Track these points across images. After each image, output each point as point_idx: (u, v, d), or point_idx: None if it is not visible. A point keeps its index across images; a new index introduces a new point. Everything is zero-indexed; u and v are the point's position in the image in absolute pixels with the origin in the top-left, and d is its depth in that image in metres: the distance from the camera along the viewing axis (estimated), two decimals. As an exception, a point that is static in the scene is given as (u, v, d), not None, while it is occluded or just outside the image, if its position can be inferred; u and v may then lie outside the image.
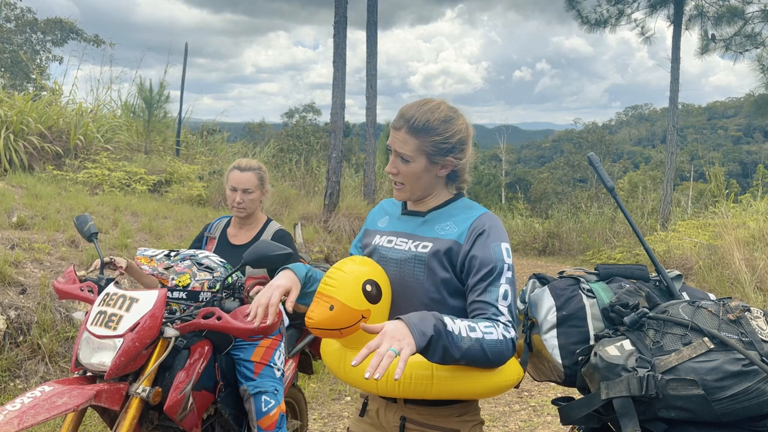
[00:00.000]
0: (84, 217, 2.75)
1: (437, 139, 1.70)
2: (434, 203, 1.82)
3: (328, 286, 1.63)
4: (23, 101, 9.60)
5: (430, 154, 1.72)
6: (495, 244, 1.69)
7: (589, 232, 13.84)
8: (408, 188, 1.77)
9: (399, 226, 1.84)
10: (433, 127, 1.70)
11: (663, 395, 1.46)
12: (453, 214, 1.78)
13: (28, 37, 21.09)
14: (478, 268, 1.66)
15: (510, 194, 32.00)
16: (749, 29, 13.29)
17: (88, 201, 7.21)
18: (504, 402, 4.86)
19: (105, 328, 2.21)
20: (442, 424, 1.74)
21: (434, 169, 1.75)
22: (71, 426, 2.20)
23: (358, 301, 1.62)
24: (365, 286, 1.65)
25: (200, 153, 12.31)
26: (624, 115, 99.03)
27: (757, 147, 66.06)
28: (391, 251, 1.79)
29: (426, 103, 1.74)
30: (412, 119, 1.70)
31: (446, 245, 1.71)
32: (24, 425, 1.86)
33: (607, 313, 1.68)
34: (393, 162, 1.75)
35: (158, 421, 2.40)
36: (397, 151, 1.73)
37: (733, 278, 6.78)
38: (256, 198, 2.95)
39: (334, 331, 1.62)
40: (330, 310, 1.59)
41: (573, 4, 14.42)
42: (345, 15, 9.07)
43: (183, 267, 2.45)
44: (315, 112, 37.41)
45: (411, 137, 1.70)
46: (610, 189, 1.90)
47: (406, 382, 1.59)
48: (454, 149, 1.73)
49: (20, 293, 4.42)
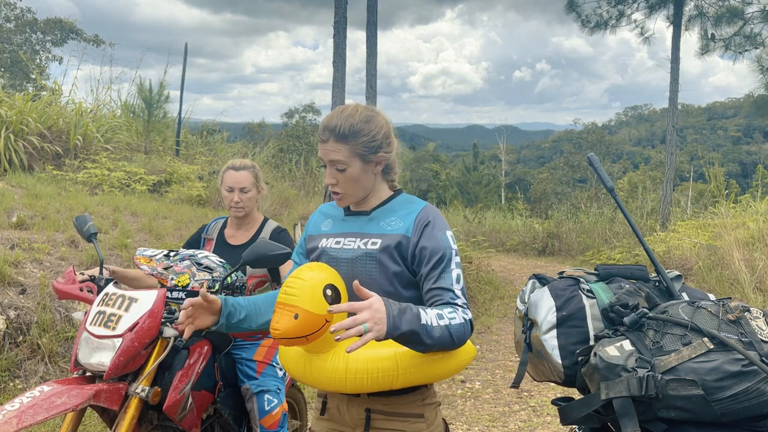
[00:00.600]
0: (83, 217, 2.75)
1: (365, 139, 1.78)
2: (376, 201, 1.89)
3: (289, 295, 1.65)
4: (23, 101, 9.60)
5: (363, 155, 1.79)
6: (441, 234, 1.79)
7: (589, 233, 13.84)
8: (350, 194, 1.84)
9: (345, 227, 1.90)
10: (358, 130, 1.78)
11: (663, 395, 1.46)
12: (396, 210, 1.86)
13: (27, 37, 21.10)
14: (429, 257, 1.75)
15: (510, 194, 32.03)
16: (749, 29, 13.30)
17: (88, 201, 7.21)
18: (504, 402, 4.87)
19: (104, 328, 2.21)
20: (407, 410, 1.82)
21: (369, 168, 1.83)
22: (71, 426, 2.21)
23: (320, 307, 1.65)
24: (325, 290, 1.68)
25: (200, 153, 12.31)
26: (624, 115, 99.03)
27: (757, 147, 66.10)
28: (341, 251, 1.85)
29: (343, 110, 1.82)
30: (337, 128, 1.77)
31: (395, 240, 1.79)
32: (23, 425, 1.86)
33: (606, 314, 1.68)
34: (330, 173, 1.81)
35: (157, 420, 2.40)
36: (332, 160, 1.79)
37: (733, 278, 6.79)
38: (252, 196, 2.94)
39: (301, 339, 1.64)
40: (295, 318, 1.62)
41: (573, 7, 14.43)
42: (345, 15, 9.07)
43: (182, 267, 2.45)
44: (315, 113, 37.41)
45: (340, 144, 1.77)
46: (609, 189, 1.91)
47: (372, 377, 1.66)
48: (382, 145, 1.82)
49: (20, 293, 4.42)
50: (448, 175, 40.29)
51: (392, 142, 1.86)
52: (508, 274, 11.06)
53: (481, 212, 18.56)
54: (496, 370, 5.72)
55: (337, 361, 1.69)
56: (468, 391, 5.15)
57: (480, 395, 5.05)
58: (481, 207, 21.05)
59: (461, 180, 37.91)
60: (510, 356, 6.14)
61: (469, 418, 4.54)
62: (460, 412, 4.67)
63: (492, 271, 10.42)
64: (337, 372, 1.68)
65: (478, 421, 4.49)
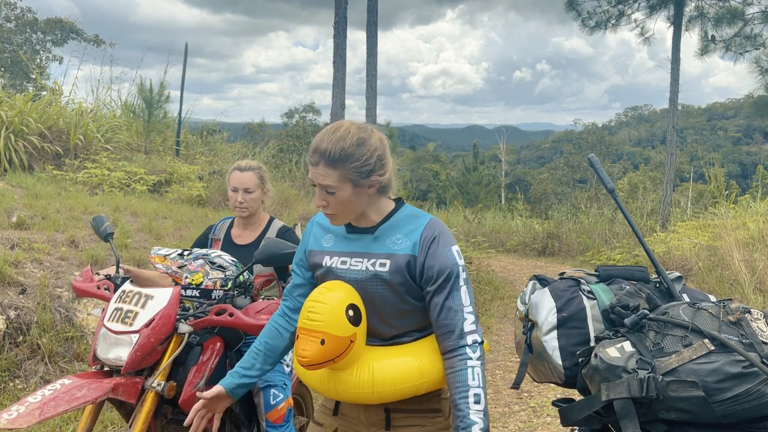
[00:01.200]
0: (100, 217, 2.84)
1: (357, 164, 1.70)
2: (378, 217, 1.82)
3: (313, 321, 1.65)
4: (23, 101, 9.60)
5: (354, 180, 1.72)
6: (446, 250, 1.77)
7: (589, 233, 13.83)
8: (342, 215, 1.78)
9: (349, 246, 1.84)
10: (349, 154, 1.69)
11: (663, 397, 1.46)
12: (400, 226, 1.81)
13: (28, 37, 21.09)
14: (436, 277, 1.75)
15: (510, 195, 32.03)
16: (749, 30, 13.30)
17: (88, 201, 7.21)
18: (504, 403, 4.87)
19: (121, 324, 2.29)
20: (426, 406, 1.83)
21: (362, 191, 1.75)
22: (89, 418, 2.30)
23: (345, 329, 1.66)
24: (348, 311, 1.68)
25: (200, 153, 12.32)
26: (624, 115, 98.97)
27: (757, 148, 66.10)
28: (348, 272, 1.80)
29: (335, 131, 1.73)
30: (327, 152, 1.69)
31: (404, 260, 1.76)
32: (45, 416, 1.96)
33: (607, 315, 1.68)
34: (320, 195, 1.75)
35: (172, 415, 2.49)
36: (321, 184, 1.72)
37: (733, 279, 6.78)
38: (257, 197, 2.98)
39: (329, 362, 1.66)
40: (321, 344, 1.62)
41: (573, 5, 14.42)
42: (345, 15, 9.07)
43: (196, 266, 2.53)
44: (315, 113, 37.37)
45: (330, 170, 1.70)
46: (610, 190, 1.90)
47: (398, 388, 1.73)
48: (375, 168, 1.74)
49: (20, 293, 4.42)
50: (448, 175, 40.32)
51: (387, 164, 1.78)
52: (508, 275, 11.05)
53: (481, 212, 18.55)
54: (496, 371, 5.72)
55: (362, 374, 1.71)
56: (468, 392, 5.15)
57: (480, 396, 5.05)
58: (481, 207, 21.04)
59: (461, 180, 37.91)
60: (510, 357, 6.14)
61: (469, 419, 4.54)
62: (460, 413, 4.66)
63: (492, 271, 10.42)
64: (364, 386, 1.71)
65: (478, 422, 4.48)
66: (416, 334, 1.82)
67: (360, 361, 1.73)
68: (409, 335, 1.82)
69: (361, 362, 1.73)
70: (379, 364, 1.72)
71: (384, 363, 1.72)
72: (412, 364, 1.71)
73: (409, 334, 1.81)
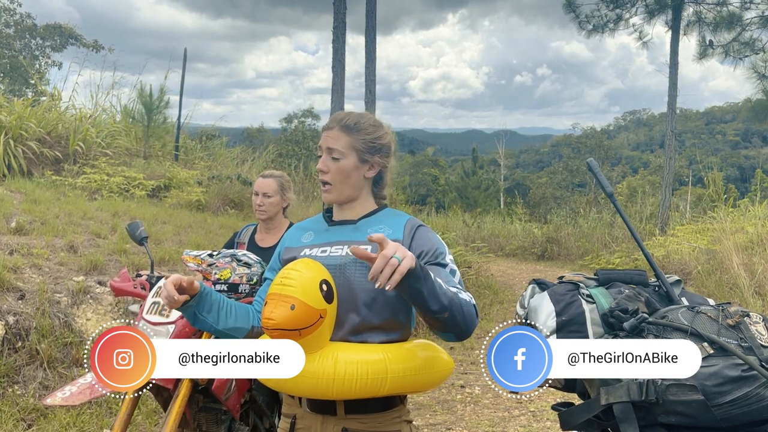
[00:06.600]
0: (135, 223, 3.05)
1: (367, 137, 1.82)
2: (362, 212, 1.86)
3: (286, 286, 1.61)
4: (22, 106, 9.61)
5: (361, 151, 1.81)
6: (432, 236, 1.80)
7: (588, 237, 13.84)
8: (337, 188, 1.82)
9: (330, 237, 1.84)
10: (363, 127, 1.82)
11: (663, 400, 1.46)
12: (382, 220, 1.84)
13: (27, 43, 21.14)
14: (424, 254, 1.74)
15: (508, 199, 32.03)
16: (747, 35, 13.34)
17: (87, 206, 7.21)
18: (503, 407, 4.86)
19: (159, 315, 2.55)
20: (385, 428, 1.77)
21: (363, 168, 1.82)
22: (128, 407, 2.48)
23: (317, 300, 1.62)
24: (321, 285, 1.66)
25: (199, 158, 12.34)
26: (623, 119, 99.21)
27: (755, 152, 66.20)
28: (328, 258, 1.78)
29: (355, 111, 1.90)
30: (344, 119, 1.83)
31: None
32: (95, 395, 2.28)
33: (606, 319, 1.68)
34: (324, 160, 1.83)
35: (203, 403, 2.74)
36: (329, 147, 1.81)
37: (732, 283, 6.79)
38: (275, 202, 3.27)
39: (294, 332, 1.59)
40: (291, 309, 1.58)
41: (571, 7, 14.45)
42: (344, 20, 9.09)
43: (224, 263, 2.71)
44: (314, 117, 37.41)
45: (343, 134, 1.81)
46: (609, 194, 1.91)
47: (361, 381, 1.63)
48: (381, 150, 1.85)
49: (19, 299, 4.42)
50: (447, 179, 40.35)
51: (391, 155, 1.88)
52: (507, 279, 11.05)
53: (480, 217, 18.56)
54: (496, 375, 5.72)
55: (324, 363, 1.64)
56: (467, 396, 5.14)
57: (480, 400, 5.04)
58: (480, 211, 21.04)
59: (460, 184, 37.96)
60: (509, 361, 6.13)
61: (469, 423, 4.54)
62: (459, 417, 4.66)
63: (491, 275, 10.41)
64: (324, 375, 1.62)
65: (478, 426, 4.48)
66: (383, 336, 1.75)
67: (325, 350, 1.67)
68: (376, 334, 1.74)
69: (325, 350, 1.67)
70: (345, 354, 1.66)
71: (349, 354, 1.65)
72: (378, 359, 1.65)
73: (375, 333, 1.74)
